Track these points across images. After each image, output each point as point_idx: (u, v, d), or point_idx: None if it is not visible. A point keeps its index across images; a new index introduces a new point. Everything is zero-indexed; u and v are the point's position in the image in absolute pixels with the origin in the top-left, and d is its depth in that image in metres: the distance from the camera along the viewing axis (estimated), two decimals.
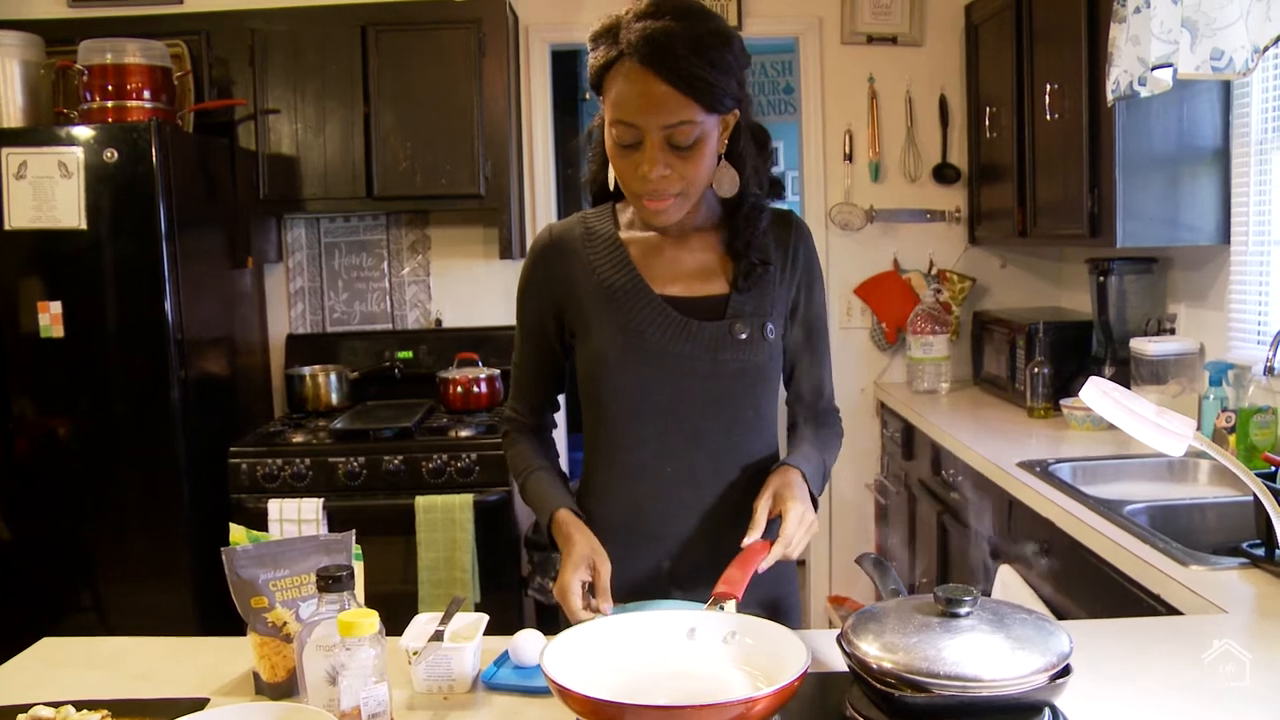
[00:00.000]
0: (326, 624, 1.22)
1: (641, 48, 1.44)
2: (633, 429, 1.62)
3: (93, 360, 3.28)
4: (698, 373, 1.59)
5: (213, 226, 3.67)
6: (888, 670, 1.16)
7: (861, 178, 4.15)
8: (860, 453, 4.19)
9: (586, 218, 1.70)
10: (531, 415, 1.75)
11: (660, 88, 1.44)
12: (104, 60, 3.37)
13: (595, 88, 1.55)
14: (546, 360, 1.72)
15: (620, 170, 1.54)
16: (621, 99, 1.47)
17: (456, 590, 3.27)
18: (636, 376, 1.60)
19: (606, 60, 1.49)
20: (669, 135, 1.47)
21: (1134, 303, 3.24)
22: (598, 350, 1.61)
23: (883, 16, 4.06)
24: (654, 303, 1.60)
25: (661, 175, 1.49)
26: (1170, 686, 1.35)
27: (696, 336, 1.59)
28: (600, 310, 1.61)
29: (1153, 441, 1.39)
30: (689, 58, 1.43)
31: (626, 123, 1.48)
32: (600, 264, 1.64)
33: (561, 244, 1.67)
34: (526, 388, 1.75)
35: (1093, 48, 2.88)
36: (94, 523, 3.32)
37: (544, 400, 1.76)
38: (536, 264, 1.69)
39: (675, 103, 1.45)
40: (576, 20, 4.02)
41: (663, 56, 1.43)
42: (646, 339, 1.59)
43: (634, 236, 1.66)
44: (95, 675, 1.53)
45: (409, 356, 4.04)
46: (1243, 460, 2.47)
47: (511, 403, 1.77)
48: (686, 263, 1.64)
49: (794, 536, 1.47)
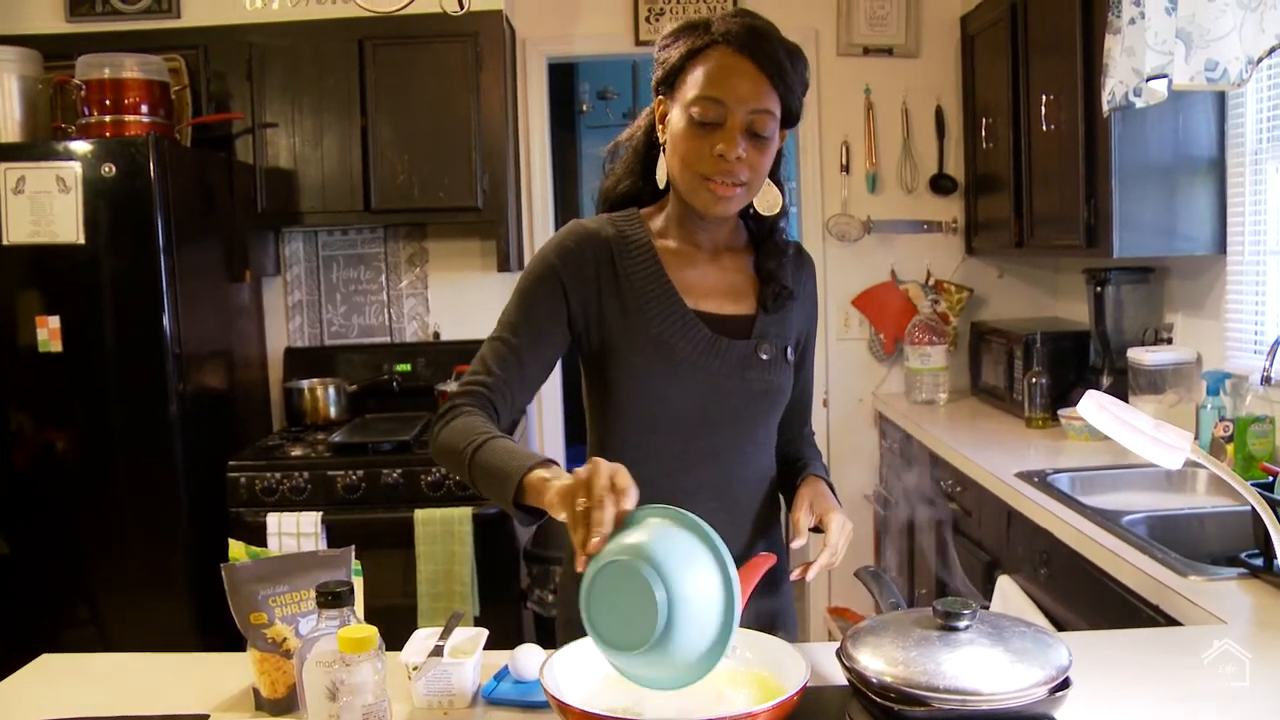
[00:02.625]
0: (326, 640, 1.22)
1: (741, 35, 1.50)
2: (649, 440, 1.59)
3: (91, 374, 3.28)
4: (723, 390, 1.59)
5: (210, 240, 3.67)
6: (887, 684, 1.16)
7: (858, 189, 4.16)
8: (858, 464, 4.19)
9: (615, 220, 1.65)
10: (497, 393, 1.55)
11: (755, 72, 1.49)
12: (102, 75, 3.37)
13: (667, 78, 1.56)
14: (542, 347, 1.59)
15: (690, 151, 1.52)
16: (712, 77, 1.50)
17: (455, 603, 3.27)
18: (661, 388, 1.58)
19: (695, 47, 1.52)
20: (751, 121, 1.50)
21: (1131, 313, 3.25)
22: (623, 358, 1.58)
23: (879, 28, 4.07)
24: (686, 316, 1.59)
25: (739, 156, 1.50)
26: (1170, 698, 1.35)
27: (725, 354, 1.59)
28: (629, 317, 1.58)
29: (1150, 455, 1.39)
30: (782, 55, 1.51)
31: (714, 99, 1.49)
32: (633, 269, 1.60)
33: (594, 239, 1.61)
34: (510, 365, 1.56)
35: (1088, 59, 2.89)
36: (92, 536, 3.32)
37: (523, 385, 1.59)
38: (565, 252, 1.60)
39: (765, 89, 1.50)
40: (573, 34, 4.03)
41: (762, 46, 1.50)
42: (677, 352, 1.57)
43: (667, 246, 1.64)
44: (94, 692, 1.53)
45: (407, 369, 4.04)
46: (1240, 470, 2.48)
47: (474, 376, 1.57)
48: (717, 279, 1.64)
49: (838, 544, 1.52)
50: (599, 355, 1.61)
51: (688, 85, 1.52)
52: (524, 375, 1.58)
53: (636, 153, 1.68)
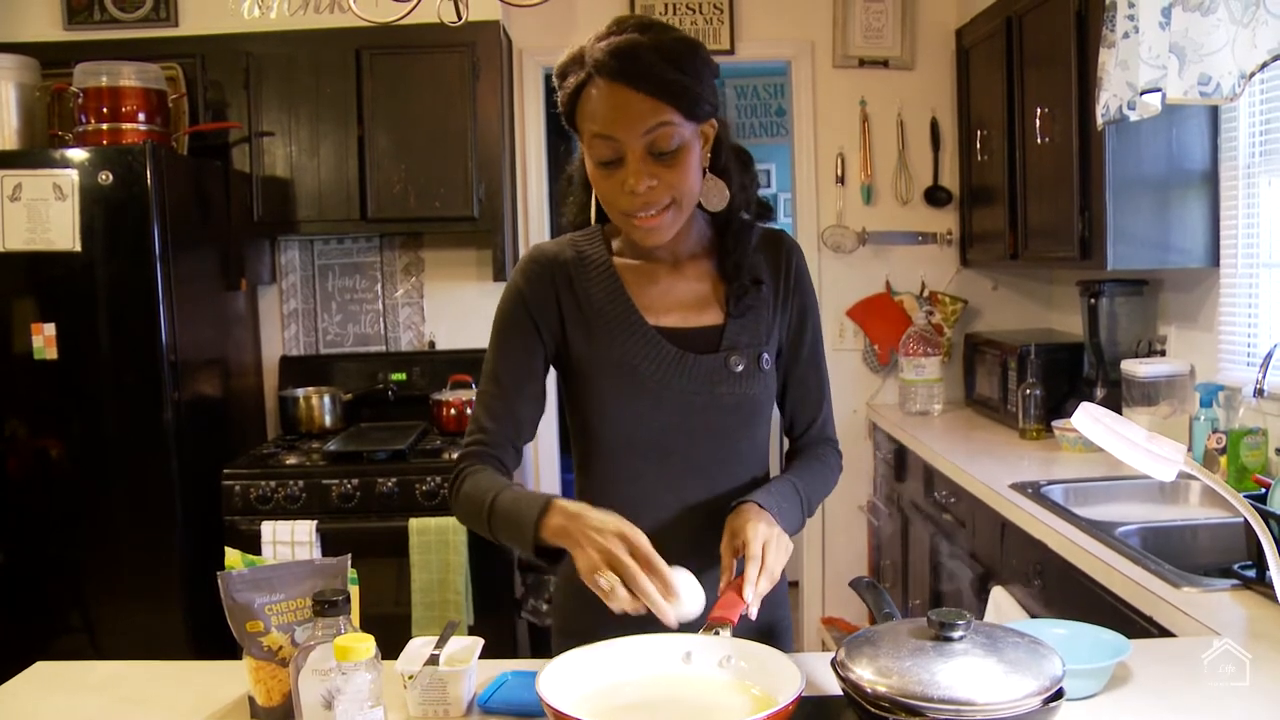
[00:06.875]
0: (322, 648, 1.22)
1: (608, 63, 1.43)
2: (628, 462, 1.57)
3: (86, 382, 3.28)
4: (694, 407, 1.56)
5: (207, 248, 3.67)
6: (882, 694, 1.16)
7: (853, 200, 4.17)
8: (853, 474, 4.19)
9: (576, 240, 1.64)
10: (497, 447, 1.59)
11: (634, 96, 1.42)
12: (99, 83, 3.38)
13: (568, 120, 1.52)
14: (527, 387, 1.60)
15: (605, 193, 1.50)
16: (597, 115, 1.44)
17: (450, 612, 3.26)
18: (631, 411, 1.55)
19: (577, 85, 1.47)
20: (650, 142, 1.44)
21: (1125, 325, 3.26)
22: (589, 383, 1.57)
23: (874, 40, 4.09)
24: (648, 335, 1.56)
25: (649, 185, 1.45)
26: (1163, 709, 1.36)
27: (692, 370, 1.55)
28: (592, 341, 1.57)
29: (1144, 467, 1.40)
30: (657, 64, 1.42)
31: (604, 136, 1.45)
32: (593, 290, 1.58)
33: (552, 265, 1.60)
34: (501, 415, 1.59)
35: (1082, 72, 2.90)
36: (86, 544, 3.31)
37: (519, 430, 1.61)
38: (525, 283, 1.60)
39: (650, 108, 1.42)
40: (570, 44, 4.03)
41: (632, 66, 1.42)
42: (641, 373, 1.55)
43: (626, 263, 1.61)
44: (89, 700, 1.52)
45: (402, 378, 4.04)
46: (1233, 481, 2.49)
47: (472, 436, 1.60)
48: (681, 292, 1.61)
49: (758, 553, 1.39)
50: (570, 380, 1.61)
51: (582, 124, 1.48)
52: (517, 421, 1.61)
53: (584, 184, 1.63)
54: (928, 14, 4.09)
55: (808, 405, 1.70)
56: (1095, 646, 1.47)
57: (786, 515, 1.51)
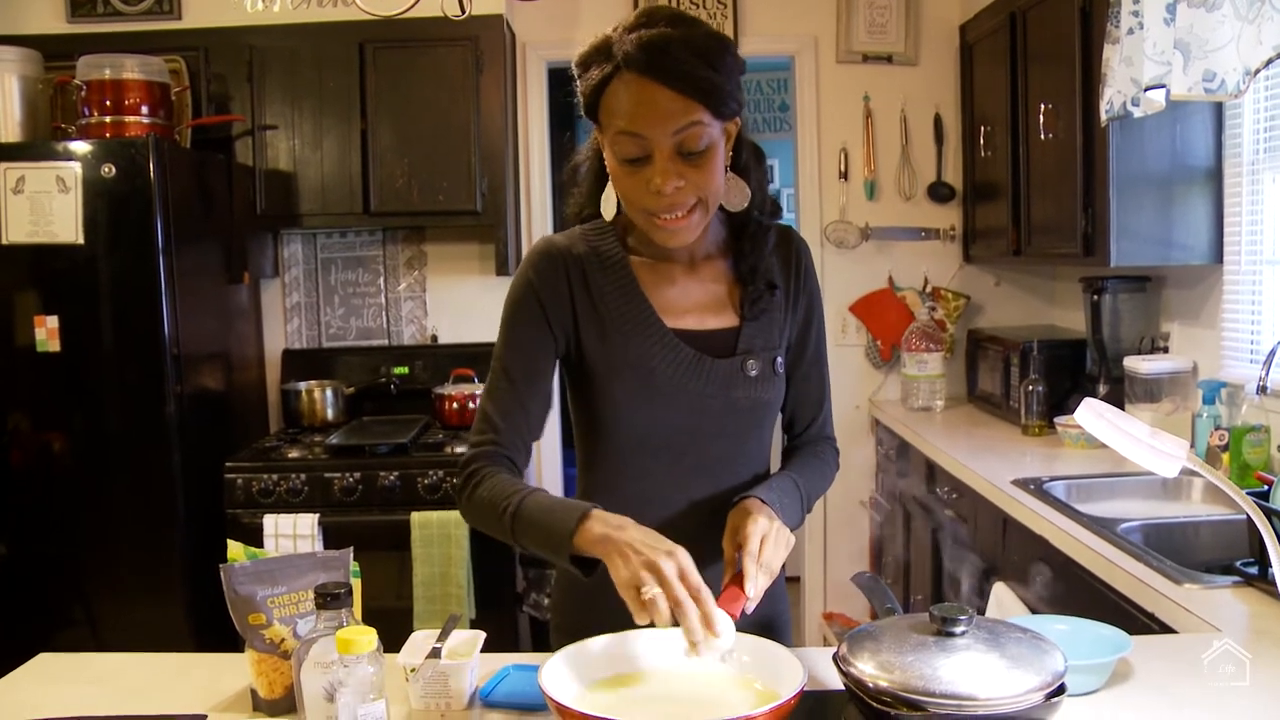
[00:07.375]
0: (324, 641, 1.23)
1: (639, 56, 1.37)
2: (638, 461, 1.56)
3: (89, 374, 3.28)
4: (709, 410, 1.54)
5: (209, 242, 3.67)
6: (884, 689, 1.16)
7: (857, 196, 4.17)
8: (855, 470, 4.19)
9: (588, 235, 1.59)
10: (510, 446, 1.54)
11: (664, 93, 1.37)
12: (102, 76, 3.38)
13: (589, 111, 1.47)
14: (538, 382, 1.56)
15: (628, 190, 1.45)
16: (624, 111, 1.39)
17: (451, 606, 3.27)
18: (645, 413, 1.53)
19: (603, 77, 1.41)
20: (679, 142, 1.39)
21: (1127, 321, 3.25)
22: (602, 384, 1.54)
23: (878, 36, 4.08)
24: (666, 338, 1.53)
25: (676, 186, 1.41)
26: (1164, 705, 1.36)
27: (709, 374, 1.53)
28: (606, 339, 1.53)
29: (1146, 463, 1.40)
30: (690, 60, 1.37)
31: (632, 133, 1.40)
32: (608, 288, 1.55)
33: (565, 259, 1.56)
34: (512, 412, 1.54)
35: (1086, 68, 2.90)
36: (88, 537, 3.31)
37: (531, 428, 1.56)
38: (537, 276, 1.56)
39: (682, 106, 1.38)
40: (573, 38, 3.99)
41: (663, 61, 1.37)
42: (657, 376, 1.52)
43: (643, 262, 1.57)
44: (92, 691, 1.53)
45: (405, 372, 4.04)
46: (1236, 478, 2.49)
47: (483, 434, 1.54)
48: (698, 294, 1.58)
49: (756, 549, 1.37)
50: (580, 378, 1.58)
51: (607, 118, 1.43)
52: (528, 416, 1.56)
53: (594, 175, 1.59)
54: (931, 9, 4.08)
55: (810, 403, 1.69)
56: (1096, 642, 1.47)
57: (787, 510, 1.50)
